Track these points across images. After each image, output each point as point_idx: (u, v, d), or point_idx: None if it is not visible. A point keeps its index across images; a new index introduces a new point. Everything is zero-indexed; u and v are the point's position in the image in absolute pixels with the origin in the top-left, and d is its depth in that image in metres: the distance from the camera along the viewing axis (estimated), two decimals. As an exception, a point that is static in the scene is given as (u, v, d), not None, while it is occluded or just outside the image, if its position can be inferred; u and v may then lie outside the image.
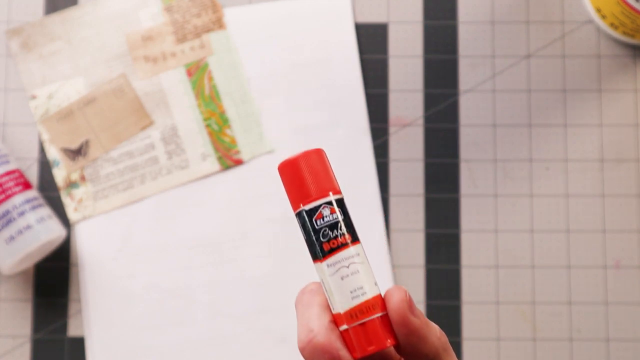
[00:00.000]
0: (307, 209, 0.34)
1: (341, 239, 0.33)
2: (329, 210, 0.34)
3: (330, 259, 0.33)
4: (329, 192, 0.34)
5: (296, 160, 0.33)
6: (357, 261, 0.33)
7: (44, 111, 0.69)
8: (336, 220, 0.33)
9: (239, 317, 0.67)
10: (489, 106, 0.69)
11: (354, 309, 0.33)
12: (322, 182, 0.34)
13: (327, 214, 0.33)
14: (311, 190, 0.33)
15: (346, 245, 0.33)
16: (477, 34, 0.70)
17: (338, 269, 0.33)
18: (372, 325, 0.33)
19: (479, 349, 0.67)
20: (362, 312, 0.33)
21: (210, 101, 0.69)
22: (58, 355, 0.66)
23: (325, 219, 0.33)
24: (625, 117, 0.69)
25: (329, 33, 0.70)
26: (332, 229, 0.33)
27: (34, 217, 0.63)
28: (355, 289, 0.33)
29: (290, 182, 0.34)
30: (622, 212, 0.68)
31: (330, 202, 0.34)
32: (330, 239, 0.33)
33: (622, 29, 0.68)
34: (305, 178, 0.33)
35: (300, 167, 0.33)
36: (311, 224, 0.34)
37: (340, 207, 0.34)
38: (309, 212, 0.34)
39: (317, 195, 0.33)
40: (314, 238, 0.34)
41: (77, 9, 0.70)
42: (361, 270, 0.33)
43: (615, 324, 0.67)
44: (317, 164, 0.34)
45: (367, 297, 0.33)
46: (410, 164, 0.69)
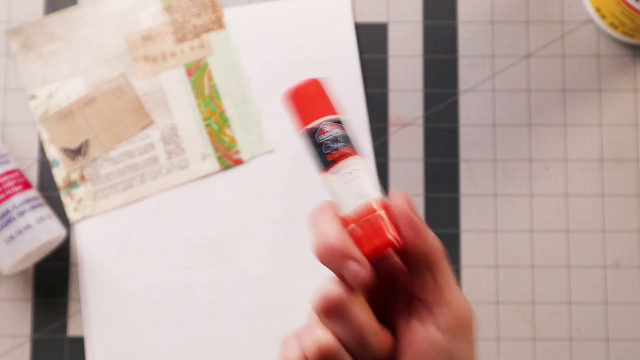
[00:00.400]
0: (310, 127, 0.37)
1: (343, 150, 0.37)
2: (330, 126, 0.37)
3: (334, 167, 0.36)
4: (328, 112, 0.37)
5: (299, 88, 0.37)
6: (359, 168, 0.36)
7: (44, 111, 0.69)
8: (336, 135, 0.37)
9: (239, 317, 0.67)
10: (489, 106, 0.69)
11: (360, 210, 0.35)
12: (323, 104, 0.37)
13: (328, 129, 0.37)
14: (313, 112, 0.37)
15: (347, 155, 0.37)
16: (477, 34, 0.70)
17: (342, 175, 0.36)
18: (377, 221, 0.35)
19: (479, 349, 0.67)
20: (368, 211, 0.35)
21: (210, 101, 0.69)
22: (58, 355, 0.66)
23: (327, 134, 0.37)
24: (625, 117, 0.69)
25: (329, 33, 0.70)
26: (334, 142, 0.37)
27: (34, 217, 0.63)
28: (359, 191, 0.36)
29: (296, 107, 0.37)
30: (622, 212, 0.68)
31: (331, 120, 0.37)
32: (333, 150, 0.37)
33: (622, 29, 0.68)
34: (308, 102, 0.37)
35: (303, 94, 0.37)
36: (314, 140, 0.37)
37: (340, 125, 0.37)
38: (312, 130, 0.37)
39: (319, 115, 0.37)
40: (318, 152, 0.37)
41: (77, 9, 0.70)
42: (362, 176, 0.36)
43: (615, 324, 0.67)
44: (318, 90, 0.37)
45: (370, 198, 0.36)
46: (410, 164, 0.69)
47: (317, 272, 0.67)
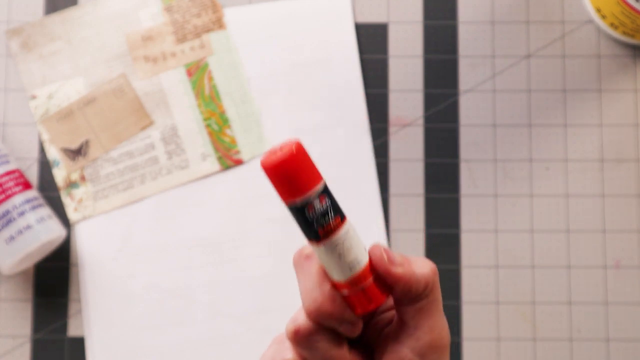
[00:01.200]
0: (299, 204, 0.35)
1: (333, 223, 0.36)
2: (319, 201, 0.35)
3: (326, 241, 0.36)
4: (315, 185, 0.35)
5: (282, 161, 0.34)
6: (349, 237, 0.36)
7: (44, 111, 0.69)
8: (326, 209, 0.35)
9: (239, 317, 0.67)
10: (489, 106, 0.69)
11: (353, 278, 0.36)
12: (308, 176, 0.35)
13: (318, 204, 0.35)
14: (300, 186, 0.35)
15: (337, 227, 0.36)
16: (477, 34, 0.70)
17: (335, 249, 0.36)
18: (370, 288, 0.36)
19: (479, 349, 0.67)
20: (360, 279, 0.36)
21: (210, 101, 0.69)
22: (58, 355, 0.66)
23: (316, 210, 0.35)
24: (625, 117, 0.69)
25: (329, 33, 0.70)
26: (324, 216, 0.35)
27: (34, 217, 0.63)
28: (351, 262, 0.36)
29: (277, 179, 0.35)
30: (622, 212, 0.68)
31: (319, 193, 0.35)
32: (324, 225, 0.36)
33: (622, 29, 0.68)
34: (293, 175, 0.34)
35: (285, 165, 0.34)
36: (304, 217, 0.35)
37: (327, 194, 0.36)
38: (301, 206, 0.35)
39: (306, 189, 0.35)
40: (309, 228, 0.36)
41: (77, 9, 0.70)
42: (353, 244, 0.36)
43: (615, 324, 0.67)
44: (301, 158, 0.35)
45: (361, 265, 0.36)
46: (410, 164, 0.69)
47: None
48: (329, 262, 0.36)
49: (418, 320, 0.38)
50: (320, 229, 0.36)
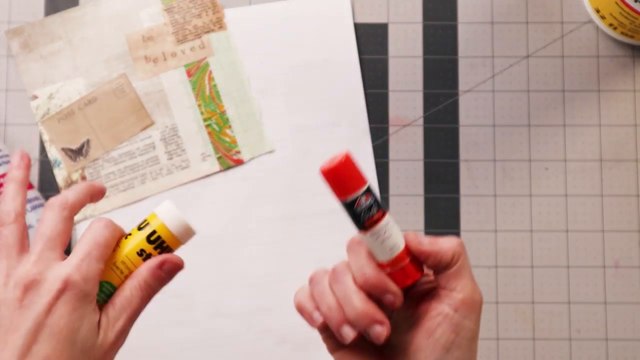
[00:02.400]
0: (349, 201, 0.45)
1: (376, 216, 0.45)
2: (365, 198, 0.45)
3: (371, 230, 0.45)
4: (361, 186, 0.45)
5: (335, 168, 0.44)
6: (390, 227, 0.45)
7: (44, 111, 0.69)
8: (370, 204, 0.45)
9: (239, 317, 0.67)
10: (488, 106, 0.69)
11: (393, 260, 0.46)
12: (356, 179, 0.45)
13: (363, 201, 0.45)
14: (350, 187, 0.45)
15: (380, 219, 0.45)
16: (476, 34, 0.70)
17: (378, 236, 0.45)
18: (407, 266, 0.46)
19: (478, 349, 0.67)
20: (399, 260, 0.46)
21: (210, 101, 0.69)
22: (59, 354, 0.66)
23: (362, 205, 0.45)
24: (624, 117, 0.69)
25: (329, 33, 0.70)
26: (369, 210, 0.45)
27: (35, 217, 0.63)
28: (392, 246, 0.45)
29: (332, 182, 0.45)
30: (621, 212, 0.68)
31: (364, 192, 0.45)
32: (369, 217, 0.45)
33: (621, 30, 0.68)
34: (344, 178, 0.45)
35: (339, 171, 0.44)
36: (354, 210, 0.45)
37: (371, 193, 0.45)
38: (351, 202, 0.45)
39: (355, 189, 0.45)
40: (357, 219, 0.45)
41: (77, 9, 0.70)
42: (393, 232, 0.46)
43: (614, 323, 0.67)
44: (350, 165, 0.44)
45: (399, 249, 0.46)
46: (410, 164, 0.69)
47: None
48: (374, 247, 0.46)
49: (452, 283, 0.46)
50: (367, 220, 0.45)
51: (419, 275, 0.47)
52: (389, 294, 0.46)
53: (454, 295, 0.46)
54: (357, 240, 0.48)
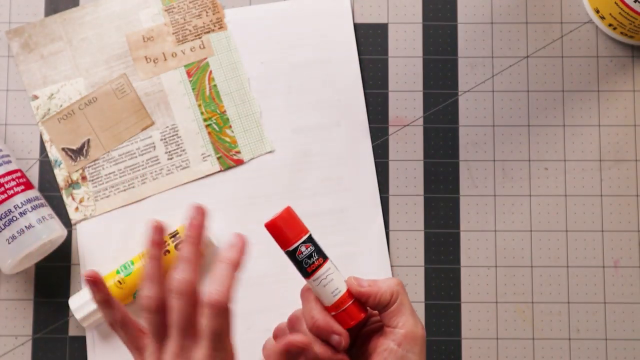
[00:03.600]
0: (291, 249, 0.50)
1: (317, 263, 0.50)
2: (304, 247, 0.50)
3: (313, 276, 0.50)
4: (301, 236, 0.50)
5: (275, 220, 0.50)
6: (330, 272, 0.51)
7: (45, 111, 0.69)
8: (310, 252, 0.50)
9: (239, 317, 0.67)
10: (488, 106, 0.70)
11: (336, 303, 0.51)
12: (296, 230, 0.50)
13: (304, 249, 0.50)
14: (290, 237, 0.50)
15: (320, 266, 0.50)
16: (476, 34, 0.70)
17: (320, 281, 0.50)
18: (350, 308, 0.51)
19: (478, 349, 0.67)
20: (342, 303, 0.51)
21: (210, 101, 0.69)
22: (59, 354, 0.66)
23: (303, 254, 0.50)
24: (624, 117, 0.69)
25: (329, 33, 0.70)
26: (309, 258, 0.50)
27: (35, 216, 0.63)
28: (333, 291, 0.50)
29: (275, 234, 0.50)
30: (620, 212, 0.68)
31: (304, 241, 0.50)
32: (309, 264, 0.50)
33: (621, 30, 0.68)
34: (285, 230, 0.50)
35: (279, 224, 0.50)
36: (295, 258, 0.50)
37: (311, 242, 0.51)
38: (292, 251, 0.50)
39: (295, 239, 0.50)
40: (299, 266, 0.51)
41: (77, 9, 0.70)
42: (334, 277, 0.51)
43: (614, 323, 0.67)
44: (289, 218, 0.50)
45: (341, 293, 0.51)
46: (410, 164, 0.69)
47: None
48: (318, 291, 0.51)
49: (394, 320, 0.51)
50: (307, 267, 0.50)
51: (362, 315, 0.51)
52: (334, 335, 0.51)
53: (396, 332, 0.51)
54: (306, 287, 0.53)
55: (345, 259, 0.67)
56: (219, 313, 0.47)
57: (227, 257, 0.49)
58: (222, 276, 0.48)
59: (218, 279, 0.48)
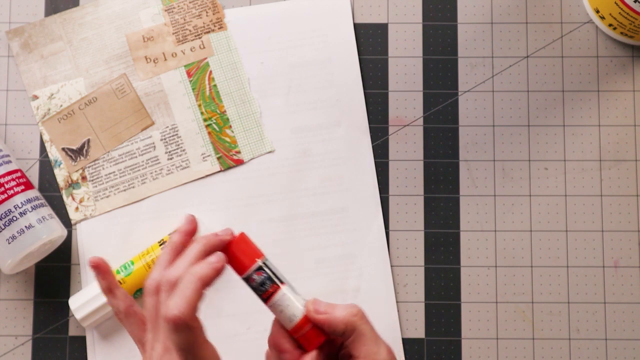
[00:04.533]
0: (244, 277, 0.50)
1: (270, 290, 0.50)
2: (257, 274, 0.50)
3: (269, 302, 0.50)
4: (252, 264, 0.50)
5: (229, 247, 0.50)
6: (285, 298, 0.50)
7: (45, 111, 0.69)
8: (263, 280, 0.50)
9: (239, 317, 0.67)
10: (488, 106, 0.70)
11: (294, 328, 0.51)
12: (247, 258, 0.50)
13: (256, 277, 0.50)
14: (243, 265, 0.50)
15: (273, 292, 0.50)
16: (476, 34, 0.70)
17: (276, 307, 0.50)
18: (308, 333, 0.51)
19: (478, 349, 0.67)
20: (300, 327, 0.51)
21: (210, 101, 0.69)
22: (59, 354, 0.66)
23: (255, 281, 0.50)
24: (624, 117, 0.69)
25: (329, 33, 0.70)
26: (262, 285, 0.50)
27: (35, 216, 0.63)
28: (290, 316, 0.50)
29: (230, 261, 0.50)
30: (620, 212, 0.68)
31: (256, 269, 0.50)
32: (263, 292, 0.50)
33: (621, 30, 0.69)
34: (237, 258, 0.50)
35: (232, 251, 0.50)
36: (250, 285, 0.50)
37: (264, 269, 0.50)
38: (246, 278, 0.50)
39: (247, 267, 0.50)
40: (256, 293, 0.50)
41: (77, 9, 0.70)
42: (290, 303, 0.50)
43: (614, 323, 0.67)
44: (241, 246, 0.50)
45: (297, 319, 0.51)
46: (410, 164, 0.69)
47: (316, 272, 0.68)
48: (278, 316, 0.51)
49: (355, 350, 0.51)
50: (261, 294, 0.50)
51: (320, 339, 0.51)
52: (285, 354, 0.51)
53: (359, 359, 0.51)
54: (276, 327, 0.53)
55: (345, 259, 0.67)
56: (176, 329, 0.46)
57: (198, 272, 0.48)
58: (186, 290, 0.47)
59: (181, 292, 0.47)
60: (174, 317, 0.46)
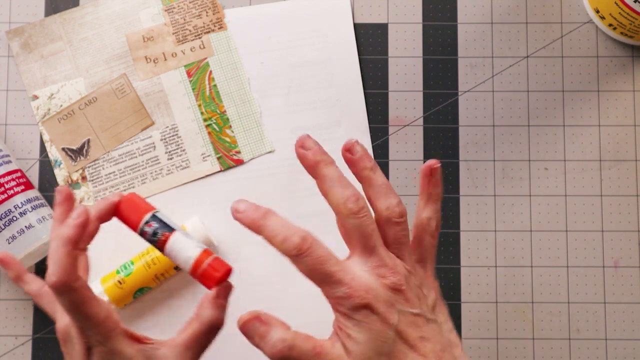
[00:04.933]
0: (139, 232, 0.51)
1: (163, 237, 0.51)
2: (147, 226, 0.51)
3: (165, 250, 0.51)
4: (141, 218, 0.51)
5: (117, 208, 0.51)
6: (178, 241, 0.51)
7: (45, 111, 0.69)
8: (153, 229, 0.51)
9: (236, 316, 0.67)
10: (488, 106, 0.70)
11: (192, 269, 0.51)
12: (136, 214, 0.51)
13: (147, 229, 0.51)
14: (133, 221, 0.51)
15: (165, 239, 0.51)
16: (476, 34, 0.70)
17: (172, 253, 0.51)
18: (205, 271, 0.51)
19: (478, 349, 0.67)
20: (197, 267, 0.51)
21: (210, 101, 0.69)
22: (59, 354, 0.66)
23: (147, 234, 0.51)
24: (624, 117, 0.69)
25: (329, 33, 0.70)
26: (154, 235, 0.51)
27: (35, 216, 0.63)
28: (185, 258, 0.51)
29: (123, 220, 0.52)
30: (620, 212, 0.68)
31: (146, 222, 0.51)
32: (156, 241, 0.51)
33: (621, 30, 0.69)
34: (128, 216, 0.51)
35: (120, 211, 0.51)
36: (145, 238, 0.51)
37: (154, 220, 0.51)
38: (140, 233, 0.51)
39: (137, 222, 0.51)
40: (153, 245, 0.51)
41: (77, 9, 0.70)
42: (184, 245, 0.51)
43: (614, 323, 0.67)
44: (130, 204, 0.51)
45: (193, 259, 0.51)
46: (410, 164, 0.69)
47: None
48: (176, 263, 0.51)
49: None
50: (157, 243, 0.51)
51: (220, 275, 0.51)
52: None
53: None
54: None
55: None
56: (58, 292, 0.47)
57: (58, 233, 0.48)
58: (54, 255, 0.47)
59: (52, 259, 0.47)
60: (52, 283, 0.47)
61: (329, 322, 0.51)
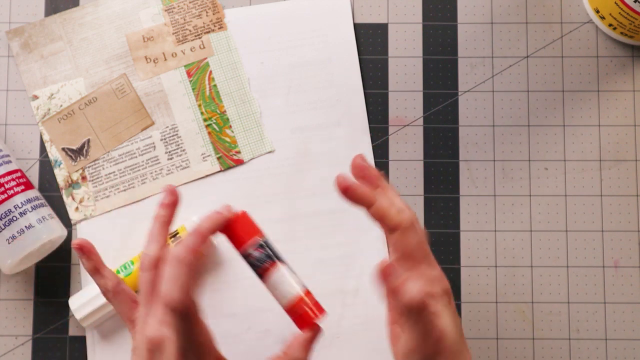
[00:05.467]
0: (242, 252, 0.51)
1: (264, 266, 0.51)
2: (253, 250, 0.51)
3: (264, 279, 0.52)
4: (253, 241, 0.51)
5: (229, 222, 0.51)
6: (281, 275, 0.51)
7: (45, 111, 0.69)
8: (259, 256, 0.51)
9: (239, 317, 0.67)
10: (488, 106, 0.70)
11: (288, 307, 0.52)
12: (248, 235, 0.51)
13: (252, 253, 0.51)
14: (243, 239, 0.51)
15: (268, 269, 0.51)
16: (476, 34, 0.70)
17: (272, 284, 0.51)
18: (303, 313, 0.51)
19: (478, 349, 0.67)
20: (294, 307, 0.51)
21: (210, 101, 0.69)
22: (59, 354, 0.66)
23: (252, 258, 0.51)
24: (624, 117, 0.69)
25: (329, 33, 0.70)
26: (259, 261, 0.51)
27: (35, 216, 0.63)
28: (285, 294, 0.51)
29: (229, 236, 0.52)
30: (620, 212, 0.68)
31: (254, 245, 0.51)
32: (258, 268, 0.51)
33: (621, 30, 0.69)
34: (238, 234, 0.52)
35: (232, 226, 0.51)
36: (249, 261, 0.51)
37: (263, 247, 0.51)
38: (243, 254, 0.51)
39: (246, 242, 0.51)
40: (252, 269, 0.52)
41: (77, 9, 0.70)
42: (286, 280, 0.51)
43: (614, 323, 0.67)
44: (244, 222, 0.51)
45: (292, 297, 0.51)
46: (410, 164, 0.69)
47: (316, 272, 0.68)
48: (273, 294, 0.52)
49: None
50: (258, 270, 0.51)
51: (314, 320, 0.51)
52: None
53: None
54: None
55: (345, 259, 0.67)
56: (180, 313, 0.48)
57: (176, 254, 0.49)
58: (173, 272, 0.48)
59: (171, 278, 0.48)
60: (171, 302, 0.47)
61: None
